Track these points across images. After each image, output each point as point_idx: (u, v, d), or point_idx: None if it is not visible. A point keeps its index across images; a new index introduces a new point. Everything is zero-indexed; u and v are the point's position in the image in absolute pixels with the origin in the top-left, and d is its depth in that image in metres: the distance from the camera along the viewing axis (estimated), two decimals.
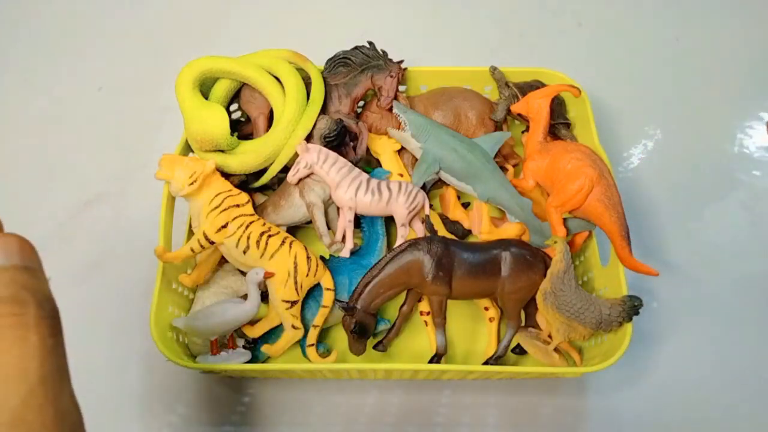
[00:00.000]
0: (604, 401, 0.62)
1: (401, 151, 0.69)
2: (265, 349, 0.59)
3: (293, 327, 0.59)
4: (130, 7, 0.95)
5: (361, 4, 0.95)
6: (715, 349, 0.65)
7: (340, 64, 0.66)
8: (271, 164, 0.64)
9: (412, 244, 0.58)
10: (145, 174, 0.61)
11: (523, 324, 0.61)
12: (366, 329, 0.58)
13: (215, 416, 0.62)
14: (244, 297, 0.59)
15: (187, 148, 0.65)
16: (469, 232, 0.67)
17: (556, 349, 0.59)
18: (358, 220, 0.65)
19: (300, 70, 0.66)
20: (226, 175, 0.63)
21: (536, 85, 0.70)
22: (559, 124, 0.71)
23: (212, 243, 0.58)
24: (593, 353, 0.60)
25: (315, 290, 0.61)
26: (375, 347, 0.60)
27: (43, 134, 0.81)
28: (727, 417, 0.61)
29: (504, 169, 0.69)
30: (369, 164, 0.70)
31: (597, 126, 0.67)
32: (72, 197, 0.75)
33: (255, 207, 0.64)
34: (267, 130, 0.65)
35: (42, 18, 0.94)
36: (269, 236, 0.58)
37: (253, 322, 0.61)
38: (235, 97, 0.68)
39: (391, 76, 0.67)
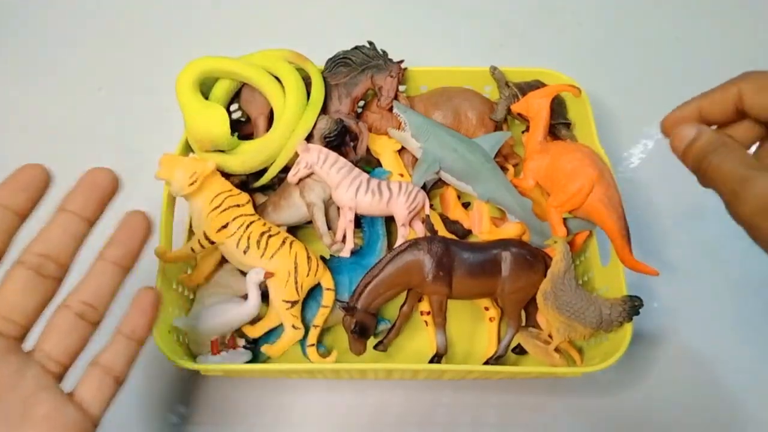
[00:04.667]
0: (604, 401, 0.62)
1: (401, 151, 0.69)
2: (265, 349, 0.59)
3: (293, 327, 0.59)
4: (131, 8, 0.95)
5: (361, 4, 0.95)
6: (715, 348, 0.65)
7: (340, 64, 0.66)
8: (271, 164, 0.64)
9: (412, 244, 0.58)
10: (145, 174, 0.61)
11: (523, 324, 0.61)
12: (366, 329, 0.58)
13: (215, 416, 0.62)
14: (244, 297, 0.59)
15: (187, 148, 0.65)
16: (469, 232, 0.67)
17: (556, 349, 0.59)
18: (359, 220, 0.65)
19: (300, 70, 0.66)
20: (226, 175, 0.63)
21: (536, 85, 0.70)
22: (559, 124, 0.71)
23: (212, 243, 0.58)
24: (593, 353, 0.60)
25: (315, 290, 0.61)
26: (375, 347, 0.60)
27: (43, 134, 0.81)
28: (727, 417, 0.61)
29: (504, 169, 0.69)
30: (369, 164, 0.70)
31: (597, 126, 0.67)
32: None
33: (255, 207, 0.64)
34: (267, 130, 0.65)
35: (42, 18, 0.94)
36: (269, 236, 0.58)
37: (253, 322, 0.61)
38: (235, 97, 0.68)
39: (391, 76, 0.67)
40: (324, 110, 0.65)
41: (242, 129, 0.69)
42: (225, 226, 0.58)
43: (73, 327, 0.35)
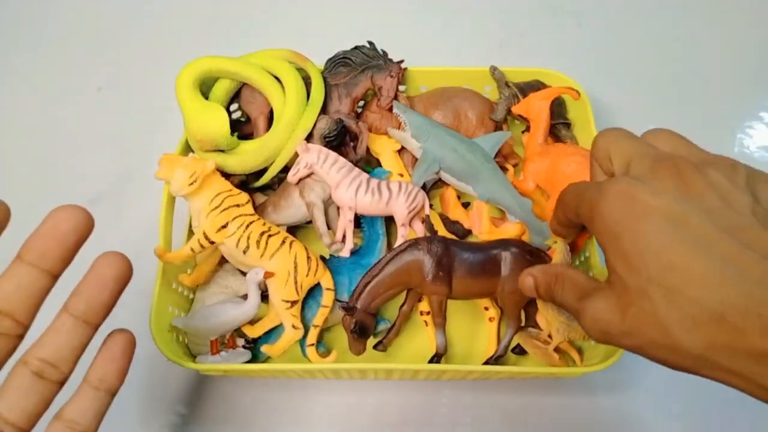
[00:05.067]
0: (604, 401, 0.62)
1: (401, 151, 0.69)
2: (265, 349, 0.59)
3: (293, 327, 0.59)
4: (130, 8, 0.95)
5: (361, 4, 0.95)
6: None
7: (340, 64, 0.66)
8: (271, 164, 0.64)
9: (412, 244, 0.58)
10: (145, 174, 0.61)
11: (523, 324, 0.61)
12: (366, 329, 0.58)
13: (215, 416, 0.62)
14: (244, 297, 0.59)
15: (187, 148, 0.65)
16: (469, 232, 0.67)
17: (556, 349, 0.59)
18: (358, 220, 0.65)
19: (300, 70, 0.66)
20: (226, 175, 0.63)
21: (536, 86, 0.70)
22: (558, 124, 0.71)
23: (212, 243, 0.58)
24: (593, 353, 0.60)
25: (315, 290, 0.61)
26: (375, 347, 0.60)
27: (43, 134, 0.82)
28: (727, 416, 0.61)
29: (504, 169, 0.69)
30: (369, 164, 0.70)
31: (597, 126, 0.67)
32: (72, 197, 0.74)
33: (255, 207, 0.64)
34: (267, 130, 0.65)
35: (42, 18, 0.94)
36: (269, 236, 0.58)
37: (253, 322, 0.61)
38: (235, 97, 0.68)
39: (391, 76, 0.67)
40: (324, 110, 0.65)
41: (242, 129, 0.69)
42: (225, 226, 0.58)
43: (32, 387, 0.30)
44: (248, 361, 0.60)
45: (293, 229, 0.67)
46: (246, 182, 0.66)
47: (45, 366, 0.31)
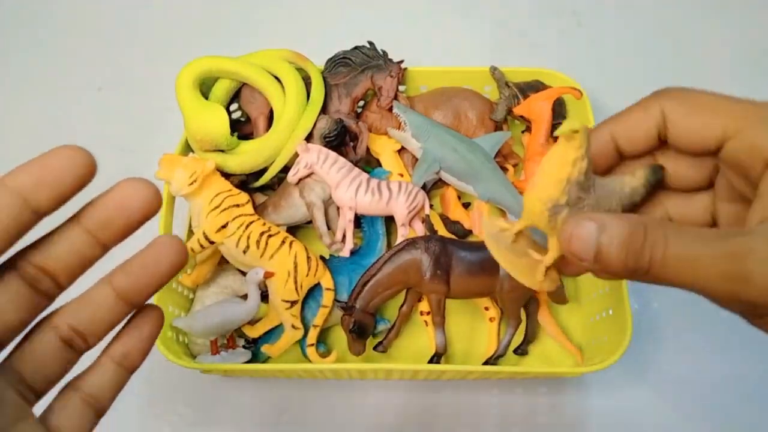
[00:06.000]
0: (605, 401, 0.62)
1: (401, 151, 0.69)
2: (265, 349, 0.59)
3: (293, 327, 0.59)
4: (130, 7, 0.95)
5: (361, 4, 0.95)
6: (715, 348, 0.65)
7: (340, 64, 0.66)
8: (271, 164, 0.64)
9: (410, 243, 0.58)
10: (145, 174, 0.60)
11: (522, 323, 0.61)
12: (365, 329, 0.58)
13: (215, 416, 0.62)
14: (244, 297, 0.59)
15: (187, 148, 0.65)
16: (470, 232, 0.67)
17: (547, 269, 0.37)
18: (358, 220, 0.65)
19: (300, 70, 0.66)
20: (226, 175, 0.63)
21: (536, 86, 0.70)
22: (558, 124, 0.70)
23: (212, 243, 0.58)
24: (593, 353, 0.60)
25: (315, 290, 0.61)
26: (375, 348, 0.60)
27: (43, 134, 0.81)
28: (727, 417, 0.61)
29: (504, 169, 0.69)
30: (369, 164, 0.70)
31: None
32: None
33: (255, 207, 0.64)
34: (267, 130, 0.65)
35: (42, 17, 0.94)
36: (269, 236, 0.58)
37: (253, 322, 0.61)
38: (235, 97, 0.68)
39: (391, 76, 0.67)
40: (324, 110, 0.65)
41: (242, 129, 0.69)
42: (224, 226, 0.58)
43: (57, 354, 0.28)
44: (248, 361, 0.60)
45: (293, 229, 0.67)
46: (246, 182, 0.66)
47: (74, 335, 0.29)
